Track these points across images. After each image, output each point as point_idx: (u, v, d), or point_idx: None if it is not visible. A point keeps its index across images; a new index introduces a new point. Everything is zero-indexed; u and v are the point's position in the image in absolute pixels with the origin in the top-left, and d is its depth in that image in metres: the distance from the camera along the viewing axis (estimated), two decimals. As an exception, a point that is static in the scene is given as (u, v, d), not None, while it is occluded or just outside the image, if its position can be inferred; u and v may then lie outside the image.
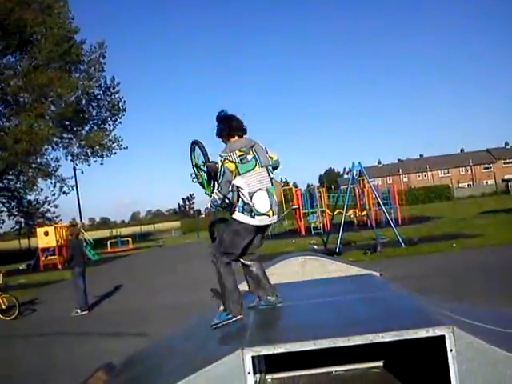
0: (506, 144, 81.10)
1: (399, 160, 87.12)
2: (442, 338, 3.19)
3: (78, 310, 10.05)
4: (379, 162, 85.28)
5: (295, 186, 52.54)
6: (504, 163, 77.52)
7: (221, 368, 3.21)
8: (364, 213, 25.79)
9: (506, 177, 69.18)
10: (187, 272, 15.41)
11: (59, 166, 34.82)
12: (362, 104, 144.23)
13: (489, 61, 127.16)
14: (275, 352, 3.29)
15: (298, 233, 26.71)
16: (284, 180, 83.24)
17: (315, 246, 17.51)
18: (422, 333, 3.25)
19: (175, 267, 17.56)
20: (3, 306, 10.19)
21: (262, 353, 3.29)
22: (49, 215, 34.31)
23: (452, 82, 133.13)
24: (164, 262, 20.99)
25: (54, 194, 34.06)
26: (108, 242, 35.49)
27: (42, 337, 8.13)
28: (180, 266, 17.87)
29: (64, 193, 34.45)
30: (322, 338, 3.31)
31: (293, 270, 9.88)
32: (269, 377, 4.35)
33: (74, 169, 37.60)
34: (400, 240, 15.07)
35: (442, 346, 3.21)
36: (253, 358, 3.27)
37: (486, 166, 78.17)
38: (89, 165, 36.18)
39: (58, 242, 24.19)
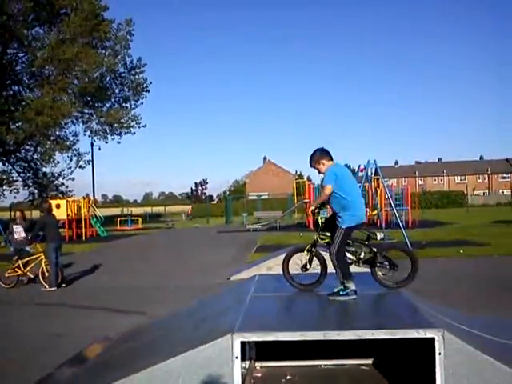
0: (527, 155, 79.87)
1: (417, 162, 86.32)
2: (432, 340, 3.22)
3: (46, 286, 9.91)
4: (396, 163, 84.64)
5: (309, 179, 52.37)
6: (523, 174, 76.45)
7: (210, 350, 3.28)
8: (375, 212, 25.62)
9: (524, 188, 68.20)
10: (192, 256, 15.52)
11: (77, 140, 35.16)
12: (382, 102, 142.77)
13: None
14: (264, 340, 3.34)
15: (307, 226, 26.67)
16: (299, 173, 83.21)
17: (322, 241, 17.45)
18: (413, 333, 3.27)
19: (181, 250, 17.69)
20: (46, 274, 10.24)
21: (251, 339, 3.35)
22: (62, 189, 34.76)
23: (476, 91, 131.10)
24: (170, 244, 21.14)
25: (70, 168, 34.50)
26: (118, 220, 35.85)
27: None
28: (186, 249, 18.01)
29: (80, 167, 34.85)
30: (312, 331, 3.36)
31: (294, 262, 9.89)
32: (258, 364, 4.41)
33: (92, 144, 38.02)
34: (408, 242, 14.99)
35: (433, 348, 3.23)
36: (242, 343, 3.32)
37: (504, 175, 77.08)
38: (106, 142, 36.56)
39: (68, 215, 24.51)
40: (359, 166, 19.58)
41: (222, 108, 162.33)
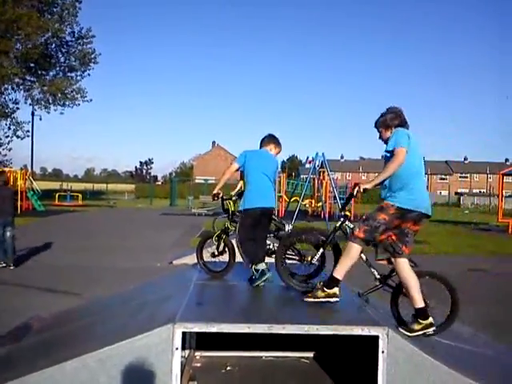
0: (465, 159, 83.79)
1: (361, 158, 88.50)
2: (376, 338, 3.19)
3: None
4: (342, 157, 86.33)
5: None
6: (460, 177, 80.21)
7: (149, 340, 3.09)
8: (319, 204, 26.04)
9: (460, 190, 71.59)
10: (133, 237, 15.13)
11: (17, 108, 33.39)
12: (333, 97, 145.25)
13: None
14: (207, 331, 3.20)
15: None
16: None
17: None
18: (357, 331, 3.22)
19: (122, 231, 17.21)
20: None
21: (193, 330, 3.20)
22: (-1, 157, 33.04)
23: (420, 93, 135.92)
24: (111, 223, 20.52)
25: (7, 137, 32.75)
26: (57, 195, 34.39)
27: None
28: (127, 230, 17.55)
29: (18, 137, 33.12)
30: (256, 322, 3.25)
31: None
32: (198, 354, 4.27)
33: (33, 114, 36.12)
34: (348, 236, 15.26)
35: (375, 346, 3.20)
36: (184, 333, 3.17)
37: (443, 176, 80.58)
38: (48, 112, 34.82)
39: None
40: (307, 157, 19.76)
41: (172, 88, 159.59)
